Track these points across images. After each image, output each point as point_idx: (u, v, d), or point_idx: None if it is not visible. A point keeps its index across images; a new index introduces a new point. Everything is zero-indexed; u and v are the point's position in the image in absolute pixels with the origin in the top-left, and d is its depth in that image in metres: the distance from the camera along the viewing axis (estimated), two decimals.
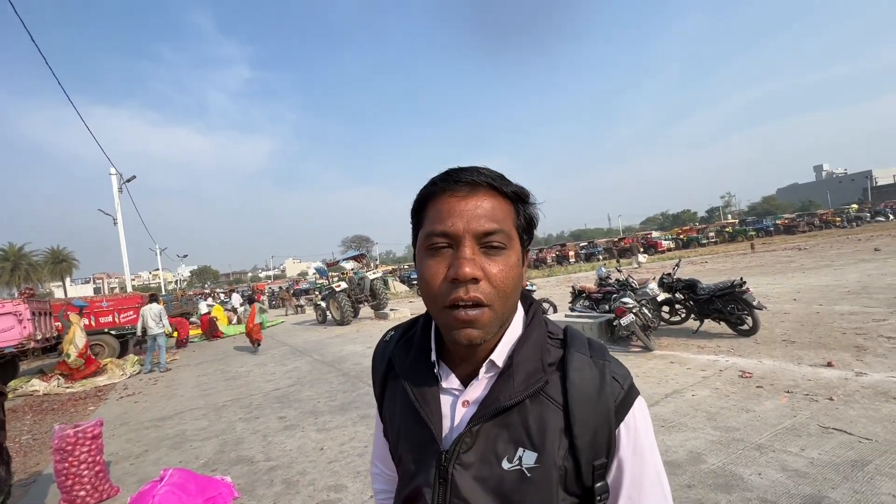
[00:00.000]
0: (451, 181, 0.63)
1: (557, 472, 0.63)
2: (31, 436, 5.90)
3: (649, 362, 5.69)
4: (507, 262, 0.63)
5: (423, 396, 0.69)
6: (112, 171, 17.56)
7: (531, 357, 0.66)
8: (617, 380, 0.67)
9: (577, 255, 37.26)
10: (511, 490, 0.62)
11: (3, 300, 9.82)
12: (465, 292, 0.60)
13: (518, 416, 0.64)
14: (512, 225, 0.65)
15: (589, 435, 0.63)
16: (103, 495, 3.64)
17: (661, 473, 0.66)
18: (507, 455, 0.63)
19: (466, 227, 0.61)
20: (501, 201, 0.64)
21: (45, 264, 44.61)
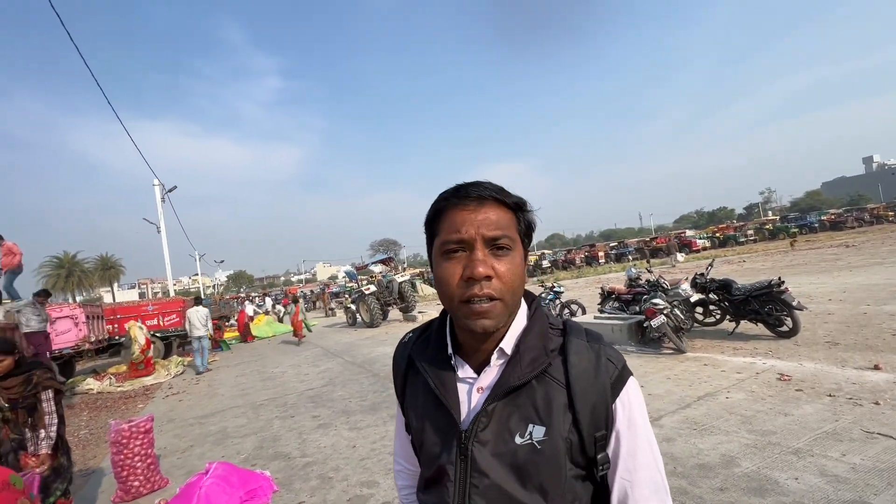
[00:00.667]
0: (461, 196, 0.73)
1: (564, 443, 0.71)
2: (87, 430, 6.35)
3: (681, 364, 5.57)
4: (513, 261, 0.73)
5: (442, 385, 0.78)
6: (155, 183, 18.56)
7: (535, 344, 0.76)
8: (611, 361, 0.76)
9: (606, 255, 36.44)
10: (525, 462, 0.71)
11: (60, 304, 10.56)
12: (480, 289, 0.70)
13: (526, 395, 0.74)
14: (515, 230, 0.75)
15: (589, 409, 0.72)
16: (155, 486, 3.90)
17: (653, 444, 0.74)
18: (519, 431, 0.72)
19: (478, 233, 0.71)
20: (505, 211, 0.74)
21: (95, 271, 47.44)
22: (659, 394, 4.60)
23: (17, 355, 2.70)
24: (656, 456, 0.74)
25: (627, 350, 6.68)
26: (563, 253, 40.55)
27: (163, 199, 18.81)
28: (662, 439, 3.53)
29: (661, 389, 4.73)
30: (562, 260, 37.39)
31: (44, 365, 2.88)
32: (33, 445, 2.70)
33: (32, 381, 2.69)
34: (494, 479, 0.71)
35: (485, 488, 0.72)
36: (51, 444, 2.74)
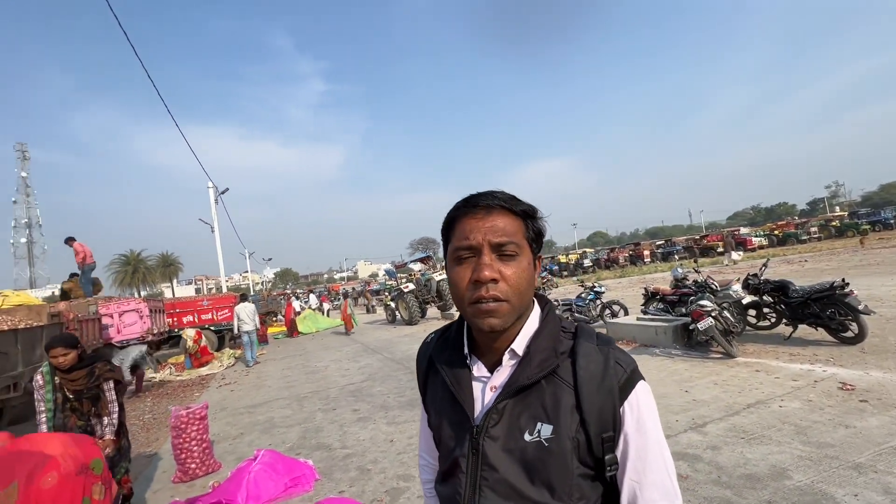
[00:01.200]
0: (470, 206, 0.79)
1: (571, 443, 0.74)
2: (151, 415, 6.89)
3: (730, 370, 5.30)
4: (519, 266, 0.77)
5: (458, 383, 0.83)
6: (209, 185, 19.72)
7: (546, 346, 0.79)
8: (620, 364, 0.77)
9: (652, 254, 34.92)
10: (533, 459, 0.74)
11: (127, 298, 11.49)
12: (486, 291, 0.74)
13: (536, 395, 0.77)
14: (522, 237, 0.78)
15: (596, 410, 0.74)
16: (209, 469, 4.19)
17: (663, 447, 0.76)
18: (528, 429, 0.76)
19: (485, 239, 0.76)
20: (513, 218, 0.78)
21: (157, 268, 51.07)
22: (704, 399, 4.41)
23: (80, 350, 2.96)
24: (666, 460, 0.75)
25: (672, 353, 6.42)
26: (605, 251, 39.30)
27: (216, 201, 19.96)
28: (707, 447, 3.39)
29: (707, 395, 4.53)
30: (604, 259, 36.21)
31: (104, 358, 3.16)
32: (99, 431, 2.98)
33: (95, 373, 2.96)
34: (503, 474, 0.75)
35: (494, 482, 0.76)
36: (114, 429, 3.01)
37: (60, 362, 2.86)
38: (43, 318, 6.59)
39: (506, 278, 0.75)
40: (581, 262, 35.76)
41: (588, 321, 8.78)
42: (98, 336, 9.12)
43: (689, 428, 3.79)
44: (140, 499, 3.83)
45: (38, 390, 2.89)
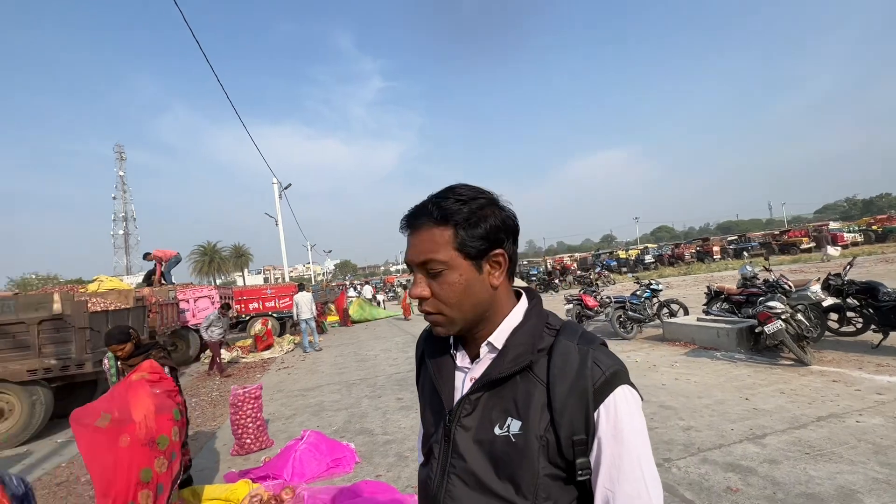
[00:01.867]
0: (403, 223, 0.81)
1: (539, 441, 0.72)
2: (218, 392, 7.52)
3: (801, 378, 4.81)
4: (445, 280, 0.76)
5: (439, 372, 0.85)
6: (274, 181, 20.99)
7: (523, 341, 0.78)
8: (599, 365, 0.73)
9: (723, 250, 32.29)
10: (500, 452, 0.74)
11: (201, 286, 12.58)
12: (421, 306, 0.80)
13: (510, 389, 0.76)
14: (450, 248, 0.75)
15: (567, 411, 0.72)
16: (262, 445, 4.51)
17: (644, 457, 0.71)
18: (499, 422, 0.75)
19: (411, 259, 0.79)
20: (437, 232, 0.76)
21: (229, 258, 55.31)
22: (766, 409, 4.05)
23: (134, 340, 3.29)
24: (646, 471, 0.70)
25: (735, 358, 5.95)
26: (670, 247, 36.94)
27: (280, 196, 21.22)
28: (764, 460, 3.12)
29: (769, 404, 4.15)
30: (668, 255, 33.99)
31: (159, 346, 3.50)
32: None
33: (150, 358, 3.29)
34: (470, 464, 0.76)
35: (461, 470, 0.77)
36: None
37: (119, 354, 3.25)
38: (130, 301, 7.40)
39: (435, 294, 0.77)
40: (642, 258, 33.87)
41: (643, 320, 8.34)
42: (176, 319, 10.09)
43: (745, 438, 3.50)
44: (203, 467, 4.21)
45: (106, 371, 3.29)
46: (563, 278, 24.68)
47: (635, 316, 8.28)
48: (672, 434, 3.74)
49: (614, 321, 8.23)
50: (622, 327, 8.23)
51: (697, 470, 3.10)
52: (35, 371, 5.52)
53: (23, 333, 5.56)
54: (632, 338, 8.12)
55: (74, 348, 5.71)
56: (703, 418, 4.01)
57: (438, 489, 0.78)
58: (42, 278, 32.09)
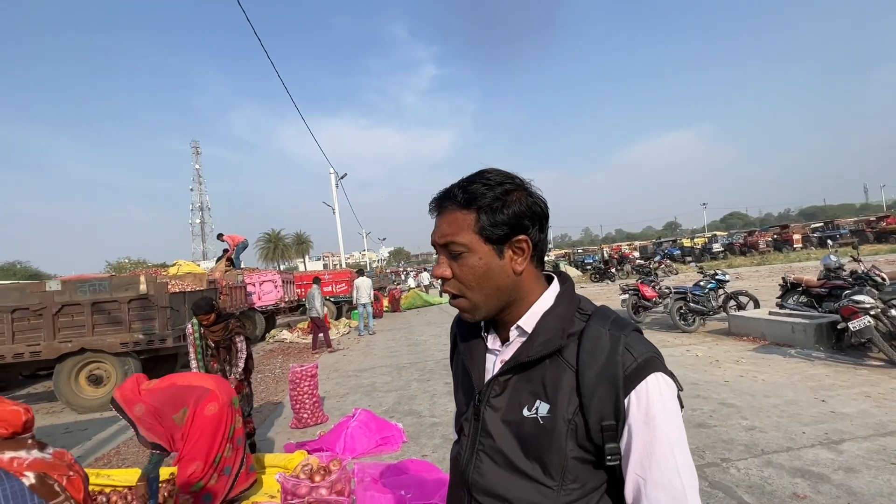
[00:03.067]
0: (430, 205, 0.83)
1: (567, 425, 0.72)
2: (280, 370, 8.07)
3: (892, 381, 4.32)
4: (466, 263, 0.78)
5: (470, 354, 0.87)
6: (331, 171, 21.83)
7: (553, 326, 0.78)
8: (630, 352, 0.72)
9: (805, 239, 29.28)
10: (528, 434, 0.75)
11: (266, 271, 13.46)
12: (445, 287, 0.81)
13: (539, 373, 0.77)
14: (471, 232, 0.77)
15: (596, 398, 0.71)
16: (318, 420, 4.80)
17: (677, 447, 0.69)
18: (527, 404, 0.76)
19: (435, 241, 0.81)
20: (460, 215, 0.78)
21: (292, 245, 58.56)
22: (847, 413, 3.68)
23: (217, 310, 3.64)
24: (679, 459, 0.68)
25: (812, 356, 5.43)
26: (742, 235, 34.08)
27: (337, 185, 22.05)
28: (839, 467, 2.85)
29: (851, 408, 3.77)
30: (739, 243, 31.38)
31: (235, 316, 3.82)
32: (230, 375, 3.64)
33: (229, 327, 3.63)
34: (498, 443, 0.77)
35: (489, 449, 0.78)
36: (238, 373, 3.65)
37: (204, 322, 3.64)
38: (203, 283, 8.08)
39: (456, 276, 0.79)
40: (709, 247, 31.55)
41: (706, 313, 7.82)
42: (244, 300, 10.89)
43: (817, 443, 3.21)
44: (266, 437, 4.57)
45: (188, 337, 3.69)
46: (621, 267, 23.61)
47: (697, 308, 7.79)
48: (733, 433, 3.51)
49: (674, 313, 7.79)
50: (683, 320, 7.78)
51: (760, 473, 2.89)
52: (126, 343, 6.23)
53: (116, 310, 6.28)
54: (693, 331, 7.66)
55: (157, 325, 6.36)
56: (770, 419, 3.72)
57: (467, 465, 0.81)
58: (133, 262, 35.89)
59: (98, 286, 6.31)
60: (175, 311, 6.54)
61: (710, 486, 2.79)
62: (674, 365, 5.67)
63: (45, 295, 6.10)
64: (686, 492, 0.67)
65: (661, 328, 8.34)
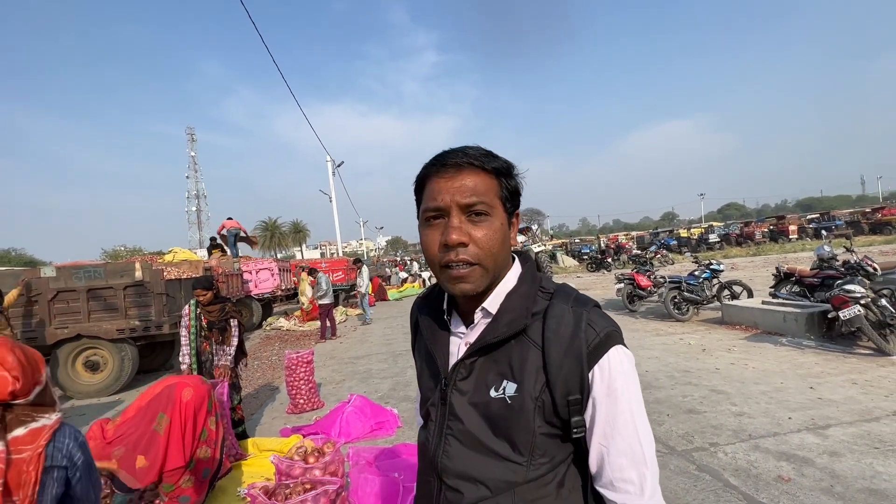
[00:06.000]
0: (439, 164, 0.76)
1: (535, 402, 0.73)
2: (277, 357, 8.11)
3: (879, 370, 4.39)
4: (491, 226, 0.74)
5: (434, 338, 0.85)
6: (328, 159, 21.69)
7: (518, 306, 0.77)
8: (593, 327, 0.73)
9: (800, 230, 29.37)
10: (496, 414, 0.75)
11: (262, 259, 13.45)
12: (456, 255, 0.73)
13: (505, 353, 0.76)
14: (495, 196, 0.75)
15: (562, 373, 0.72)
16: (314, 406, 4.85)
17: (637, 415, 0.72)
18: (494, 385, 0.76)
19: (452, 200, 0.73)
20: (484, 177, 0.75)
21: (288, 233, 58.34)
22: (833, 399, 3.75)
23: (215, 290, 3.65)
24: (639, 427, 0.71)
25: (802, 344, 5.51)
26: (738, 226, 34.17)
27: (333, 173, 21.93)
28: (824, 451, 2.92)
29: (838, 395, 3.84)
30: (736, 234, 31.47)
31: (229, 300, 3.84)
32: (220, 360, 3.66)
33: (225, 309, 3.64)
34: (467, 425, 0.77)
35: (458, 431, 0.78)
36: (229, 359, 3.67)
37: (201, 300, 3.64)
38: (199, 271, 8.06)
39: (476, 241, 0.73)
40: (705, 237, 31.65)
41: (700, 302, 7.89)
42: (240, 288, 10.88)
43: (803, 428, 3.28)
44: (262, 422, 4.61)
45: (184, 317, 3.72)
46: (617, 257, 23.70)
47: (691, 297, 7.85)
48: (722, 419, 3.57)
49: (668, 302, 7.85)
50: (677, 308, 7.84)
51: (746, 457, 2.96)
52: (123, 330, 6.24)
53: (112, 297, 6.27)
54: (686, 320, 7.73)
55: (154, 311, 6.37)
56: (759, 405, 3.78)
57: (436, 450, 0.80)
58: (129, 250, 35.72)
59: (94, 273, 6.30)
60: (171, 298, 6.55)
61: (697, 470, 2.85)
62: (666, 353, 5.74)
63: (41, 281, 6.09)
64: (645, 456, 0.71)
65: (656, 317, 8.41)
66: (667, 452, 3.12)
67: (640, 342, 6.49)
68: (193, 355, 3.64)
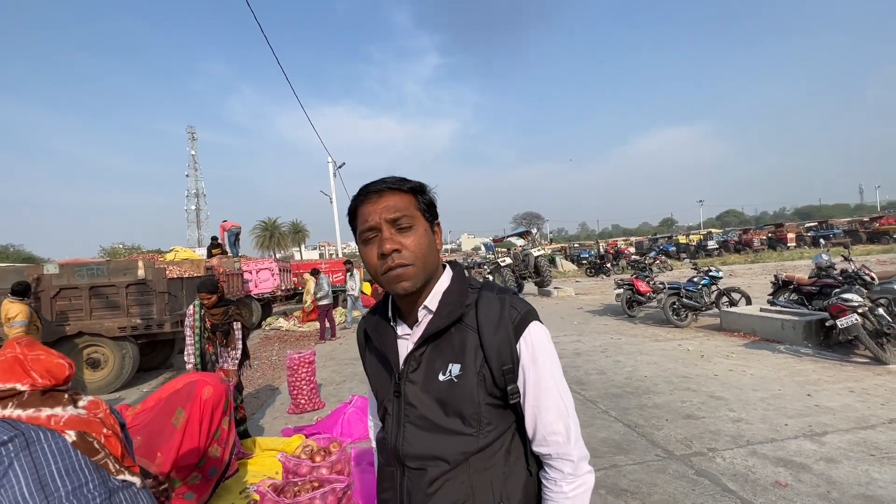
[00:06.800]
0: (365, 193, 0.90)
1: (477, 377, 0.87)
2: (277, 357, 8.13)
3: (876, 378, 4.43)
4: (416, 233, 0.89)
5: (384, 343, 0.97)
6: (329, 160, 21.73)
7: (454, 300, 0.92)
8: (515, 308, 0.90)
9: (799, 237, 29.50)
10: (446, 394, 0.87)
11: (262, 259, 13.46)
12: (392, 261, 0.87)
13: (447, 341, 0.90)
14: (415, 209, 0.90)
15: (496, 347, 0.87)
16: (315, 406, 4.87)
17: (556, 376, 0.89)
18: (441, 370, 0.89)
19: (381, 218, 0.87)
20: (402, 196, 0.90)
21: (288, 233, 58.31)
22: (830, 406, 3.79)
23: (219, 293, 3.67)
24: (559, 386, 0.88)
25: (800, 352, 5.55)
26: (737, 233, 34.30)
27: (335, 175, 21.97)
28: (821, 458, 2.96)
29: (835, 402, 3.88)
30: (734, 241, 31.60)
31: (234, 303, 3.86)
32: (224, 362, 3.68)
33: (229, 312, 3.66)
34: (421, 410, 0.88)
35: (415, 417, 0.89)
36: (236, 362, 3.69)
37: (206, 303, 3.65)
38: (201, 270, 8.09)
39: (406, 246, 0.87)
40: (704, 244, 31.74)
41: (698, 308, 7.94)
42: (241, 288, 10.90)
43: (801, 434, 3.32)
44: (263, 422, 4.63)
45: (189, 317, 3.73)
46: (616, 262, 23.77)
47: (690, 303, 7.90)
48: (720, 425, 3.61)
49: (667, 308, 7.90)
50: (675, 315, 7.89)
51: (744, 462, 2.99)
52: (124, 328, 6.26)
53: (114, 295, 6.29)
54: (685, 326, 7.78)
55: (156, 309, 6.39)
56: (757, 411, 3.82)
57: (396, 438, 0.90)
58: (128, 248, 35.65)
59: (96, 270, 6.32)
60: (173, 297, 6.57)
61: (695, 474, 2.89)
62: (665, 358, 5.78)
63: (44, 278, 6.11)
64: (568, 409, 0.88)
65: (654, 322, 8.45)
66: (665, 457, 3.16)
67: (638, 347, 6.53)
68: (197, 356, 3.67)
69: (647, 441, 3.43)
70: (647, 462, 3.09)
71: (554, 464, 0.88)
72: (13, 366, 1.28)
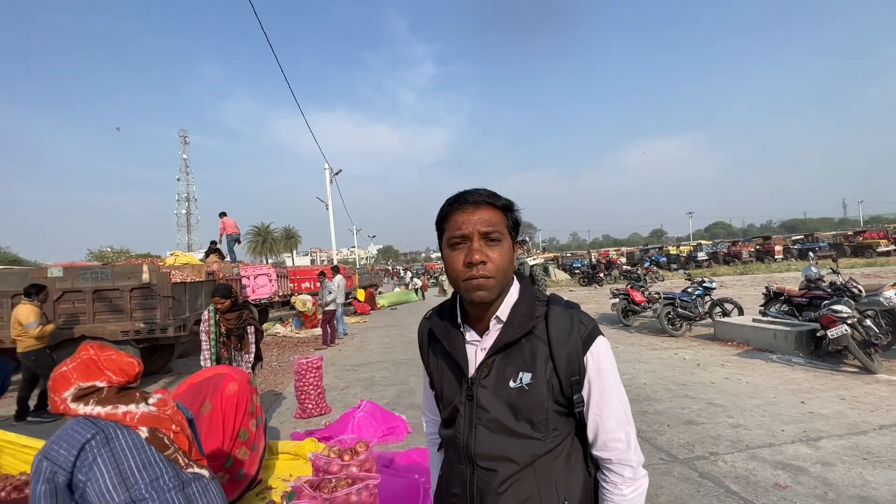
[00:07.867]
0: (461, 202, 0.95)
1: (546, 386, 0.93)
2: (277, 363, 8.14)
3: (865, 386, 4.62)
4: (502, 249, 0.95)
5: (454, 346, 1.01)
6: (325, 167, 21.80)
7: (524, 312, 0.98)
8: (583, 323, 0.97)
9: (785, 250, 30.19)
10: (516, 400, 0.94)
11: (260, 265, 13.45)
12: (477, 271, 0.92)
13: (518, 351, 0.96)
14: (504, 226, 0.96)
15: (565, 359, 0.94)
16: (322, 410, 4.93)
17: (619, 387, 0.97)
18: (512, 377, 0.95)
19: (475, 229, 0.93)
20: (496, 211, 0.96)
21: (280, 239, 58.00)
22: (823, 413, 3.95)
23: (233, 298, 3.73)
24: (622, 397, 0.96)
25: (792, 361, 5.75)
26: (726, 245, 34.93)
27: (331, 181, 22.03)
28: (817, 461, 3.10)
29: (828, 409, 4.05)
30: (723, 253, 32.20)
31: (249, 307, 3.92)
32: (238, 366, 3.74)
33: (243, 317, 3.73)
34: (493, 414, 0.94)
35: (486, 420, 0.95)
36: (250, 366, 3.76)
37: (219, 307, 3.70)
38: (202, 275, 8.11)
39: (492, 260, 0.92)
40: (694, 255, 32.28)
41: (693, 318, 8.13)
42: (238, 293, 10.88)
43: (797, 440, 3.47)
44: (271, 426, 4.67)
45: (204, 322, 3.77)
46: (608, 272, 24.07)
47: (685, 313, 8.09)
48: (720, 430, 3.75)
49: (663, 318, 8.08)
50: (671, 324, 8.08)
51: (745, 465, 3.13)
52: (127, 332, 6.26)
53: (118, 299, 6.30)
54: (680, 335, 7.96)
55: (159, 314, 6.40)
56: (754, 417, 3.97)
57: (468, 439, 0.96)
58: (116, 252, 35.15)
59: (100, 274, 6.33)
60: (177, 301, 6.59)
61: (699, 477, 3.02)
62: (662, 367, 5.93)
63: (47, 281, 6.10)
64: (627, 418, 0.96)
65: (650, 332, 8.63)
66: (670, 460, 3.28)
67: (636, 356, 6.68)
68: (213, 360, 3.72)
69: (651, 446, 3.55)
70: (653, 465, 3.21)
71: (614, 468, 0.94)
72: (90, 366, 1.38)
